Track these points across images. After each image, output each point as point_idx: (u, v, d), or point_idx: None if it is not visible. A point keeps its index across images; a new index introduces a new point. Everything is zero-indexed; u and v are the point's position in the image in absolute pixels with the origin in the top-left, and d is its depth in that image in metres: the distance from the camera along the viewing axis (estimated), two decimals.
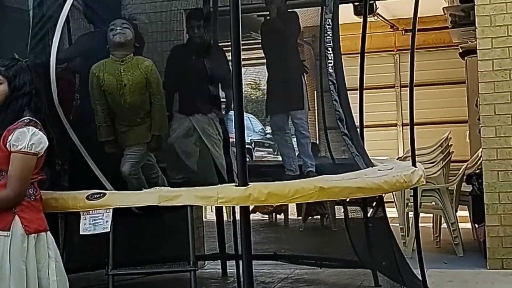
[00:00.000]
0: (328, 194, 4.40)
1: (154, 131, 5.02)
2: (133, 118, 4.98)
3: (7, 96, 3.55)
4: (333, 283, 6.42)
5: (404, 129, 11.13)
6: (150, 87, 4.92)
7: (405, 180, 4.82)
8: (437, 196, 7.36)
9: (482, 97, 6.67)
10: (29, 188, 3.53)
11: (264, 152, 15.44)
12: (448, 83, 10.73)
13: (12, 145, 3.44)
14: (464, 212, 8.10)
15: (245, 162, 4.21)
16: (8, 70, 3.58)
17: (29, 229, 3.46)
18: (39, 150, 3.49)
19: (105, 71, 4.88)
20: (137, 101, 4.92)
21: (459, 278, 6.39)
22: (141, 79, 4.88)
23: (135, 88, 4.88)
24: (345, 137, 5.23)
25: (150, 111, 4.96)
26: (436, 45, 10.67)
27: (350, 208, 6.40)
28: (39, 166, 3.57)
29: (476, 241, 7.70)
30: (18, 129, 3.46)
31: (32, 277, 3.47)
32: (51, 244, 3.58)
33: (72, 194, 4.20)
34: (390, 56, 11.33)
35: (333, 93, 5.39)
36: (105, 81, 4.88)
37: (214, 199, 4.15)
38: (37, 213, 3.56)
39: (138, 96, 4.91)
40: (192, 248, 4.20)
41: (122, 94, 4.88)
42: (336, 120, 5.27)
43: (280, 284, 6.41)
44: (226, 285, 6.49)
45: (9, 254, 3.41)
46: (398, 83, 11.30)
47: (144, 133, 5.00)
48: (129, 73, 4.88)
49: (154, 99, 4.96)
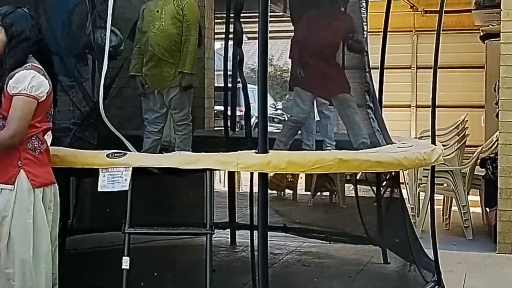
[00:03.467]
0: (347, 166, 4.38)
1: (183, 67, 5.01)
2: (164, 54, 4.99)
3: (6, 44, 3.50)
4: (341, 257, 6.43)
5: (418, 111, 11.08)
6: (186, 19, 4.97)
7: (424, 157, 4.79)
8: (450, 178, 7.34)
9: (503, 81, 6.62)
10: (34, 141, 3.48)
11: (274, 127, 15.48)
12: (466, 67, 10.68)
13: (12, 87, 3.41)
14: (475, 197, 8.08)
15: (266, 130, 4.18)
16: (5, 18, 3.53)
17: (35, 183, 3.43)
18: (39, 94, 3.44)
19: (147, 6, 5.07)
20: (168, 30, 4.96)
21: (468, 261, 6.40)
22: (174, 7, 4.95)
23: (166, 15, 4.94)
24: (369, 111, 5.19)
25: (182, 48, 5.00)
26: (456, 28, 10.59)
27: (360, 186, 6.41)
28: (42, 113, 3.50)
29: (486, 225, 7.70)
30: (18, 72, 3.43)
31: (42, 230, 3.44)
32: (54, 196, 3.55)
33: (92, 152, 4.18)
34: (408, 36, 11.25)
35: (366, 65, 5.33)
36: (144, 17, 5.03)
37: (234, 164, 4.13)
38: (43, 167, 3.52)
39: (170, 25, 4.95)
40: (210, 212, 4.19)
41: (152, 19, 4.97)
42: (364, 92, 5.21)
43: (288, 256, 6.43)
44: (234, 253, 6.51)
45: (13, 208, 3.38)
46: (414, 64, 11.23)
47: (174, 73, 5.04)
48: (164, 2, 5.00)
49: (188, 32, 4.98)
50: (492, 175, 7.08)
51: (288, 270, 5.97)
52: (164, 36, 4.99)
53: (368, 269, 5.92)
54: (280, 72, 21.33)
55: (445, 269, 5.37)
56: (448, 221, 7.84)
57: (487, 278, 5.90)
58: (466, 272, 5.94)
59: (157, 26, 4.99)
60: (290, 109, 6.32)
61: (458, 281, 5.61)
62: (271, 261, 5.68)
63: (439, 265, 5.24)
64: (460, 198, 7.32)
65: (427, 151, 4.91)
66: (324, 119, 5.75)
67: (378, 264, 6.01)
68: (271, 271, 4.93)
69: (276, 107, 18.14)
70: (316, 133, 5.78)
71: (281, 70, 21.26)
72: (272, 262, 5.88)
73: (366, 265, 6.02)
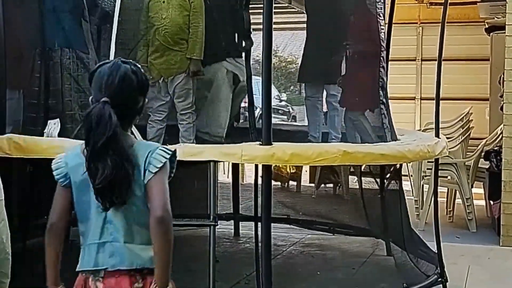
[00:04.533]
0: (351, 158, 4.39)
1: (192, 53, 5.08)
2: (170, 42, 5.08)
3: None
4: (345, 249, 6.45)
5: (422, 103, 11.05)
6: (193, 6, 5.07)
7: (428, 150, 4.80)
8: (454, 171, 7.34)
9: (508, 73, 6.61)
10: None
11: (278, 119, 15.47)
12: (470, 59, 10.62)
13: None
14: (478, 190, 8.08)
15: (270, 122, 4.19)
16: None
17: None
18: None
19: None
20: (175, 19, 5.05)
21: (471, 253, 6.40)
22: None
23: (173, 5, 5.05)
24: (382, 106, 5.17)
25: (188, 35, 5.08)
26: (461, 20, 10.53)
27: (364, 179, 6.41)
28: None
29: (489, 218, 7.69)
30: None
31: None
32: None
33: None
34: (413, 28, 11.20)
35: (382, 60, 5.31)
36: (150, 8, 5.14)
37: (238, 156, 4.14)
38: None
39: (177, 14, 5.06)
40: (213, 204, 4.21)
41: (160, 9, 5.08)
42: (379, 87, 5.18)
43: (291, 248, 6.44)
44: (238, 244, 6.52)
45: None
46: (419, 56, 11.18)
47: (180, 60, 5.12)
48: None
49: (195, 18, 5.08)
50: (496, 168, 7.07)
51: (291, 261, 5.99)
52: (171, 26, 5.10)
53: (372, 261, 5.94)
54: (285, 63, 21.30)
55: (448, 262, 5.38)
56: (451, 213, 7.84)
57: (490, 271, 5.91)
58: (470, 264, 5.95)
59: (164, 16, 5.10)
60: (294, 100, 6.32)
61: (461, 273, 5.62)
62: (275, 253, 5.70)
63: (443, 258, 5.24)
64: (464, 191, 7.31)
65: (431, 144, 4.91)
66: (332, 110, 5.75)
67: (381, 256, 6.03)
68: (275, 262, 4.95)
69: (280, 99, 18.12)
70: (324, 126, 5.79)
71: (286, 62, 21.23)
72: (276, 253, 5.90)
73: (370, 257, 6.03)
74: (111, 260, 2.58)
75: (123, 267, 2.57)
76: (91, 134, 2.50)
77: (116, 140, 2.50)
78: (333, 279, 5.43)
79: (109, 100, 2.52)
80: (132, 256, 2.58)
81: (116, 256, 2.57)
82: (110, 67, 2.60)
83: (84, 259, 2.64)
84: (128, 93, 2.59)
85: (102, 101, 2.51)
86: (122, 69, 2.59)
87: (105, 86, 2.56)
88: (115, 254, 2.58)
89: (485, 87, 9.85)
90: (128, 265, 2.57)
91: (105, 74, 2.58)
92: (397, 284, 5.01)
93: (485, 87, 9.82)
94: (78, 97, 4.92)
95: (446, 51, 5.46)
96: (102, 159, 2.49)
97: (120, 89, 2.57)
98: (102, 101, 2.51)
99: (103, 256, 2.59)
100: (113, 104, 2.52)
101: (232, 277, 5.14)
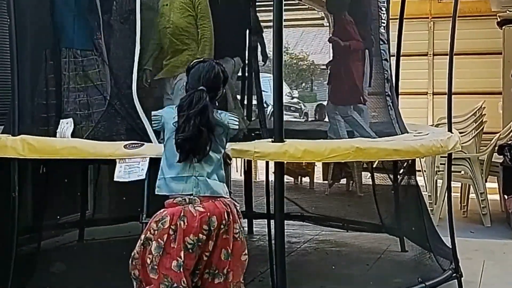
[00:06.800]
0: (364, 154, 4.38)
1: (203, 53, 5.08)
2: (176, 43, 5.11)
3: None
4: (359, 245, 6.43)
5: (435, 98, 11.00)
6: (199, 7, 5.10)
7: (441, 145, 4.78)
8: (467, 165, 7.31)
9: None
10: None
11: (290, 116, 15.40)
12: (482, 53, 10.56)
13: None
14: (492, 184, 8.04)
15: (282, 119, 4.19)
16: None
17: None
18: None
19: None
20: (178, 22, 5.09)
21: (486, 248, 6.38)
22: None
23: (175, 7, 5.09)
24: (388, 98, 5.16)
25: (196, 35, 5.11)
26: (472, 14, 10.47)
27: (377, 174, 6.39)
28: None
29: (504, 212, 7.66)
30: None
31: None
32: None
33: (110, 143, 4.20)
34: (424, 23, 11.15)
35: (384, 53, 5.30)
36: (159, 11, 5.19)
37: (250, 153, 4.15)
38: None
39: (180, 17, 5.09)
40: None
41: (164, 12, 5.13)
42: (384, 80, 5.18)
43: (306, 244, 6.44)
44: (252, 242, 6.51)
45: None
46: (431, 51, 11.14)
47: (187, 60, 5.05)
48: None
49: (203, 20, 5.12)
50: (510, 162, 7.04)
51: (305, 258, 5.98)
52: (174, 28, 5.13)
53: (386, 257, 5.92)
54: (296, 60, 21.25)
55: (462, 257, 5.36)
56: (465, 208, 7.81)
57: (505, 266, 5.88)
58: (484, 259, 5.93)
59: (167, 19, 5.14)
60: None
61: (476, 268, 5.59)
62: (289, 250, 5.69)
63: (457, 253, 5.22)
64: (478, 186, 7.28)
65: (444, 139, 4.89)
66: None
67: (395, 252, 6.00)
68: (289, 259, 4.94)
69: (292, 96, 18.07)
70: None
71: (297, 59, 21.18)
72: (290, 250, 5.89)
73: (384, 253, 6.01)
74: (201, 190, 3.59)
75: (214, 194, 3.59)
76: (191, 107, 3.56)
77: (204, 112, 3.56)
78: (348, 275, 5.42)
79: (205, 89, 3.63)
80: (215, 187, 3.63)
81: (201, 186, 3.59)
82: (208, 65, 3.75)
83: (175, 187, 3.62)
84: (217, 85, 3.76)
85: (200, 89, 3.63)
86: (216, 69, 3.75)
87: (203, 79, 3.69)
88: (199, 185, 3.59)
89: (497, 81, 9.80)
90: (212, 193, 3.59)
91: (203, 70, 3.71)
92: (411, 280, 4.99)
93: (498, 81, 9.77)
94: (93, 94, 4.92)
95: (458, 46, 5.43)
96: (192, 121, 3.52)
97: (213, 82, 3.72)
98: (200, 89, 3.63)
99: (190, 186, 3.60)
100: (207, 91, 3.63)
101: (246, 275, 5.14)
